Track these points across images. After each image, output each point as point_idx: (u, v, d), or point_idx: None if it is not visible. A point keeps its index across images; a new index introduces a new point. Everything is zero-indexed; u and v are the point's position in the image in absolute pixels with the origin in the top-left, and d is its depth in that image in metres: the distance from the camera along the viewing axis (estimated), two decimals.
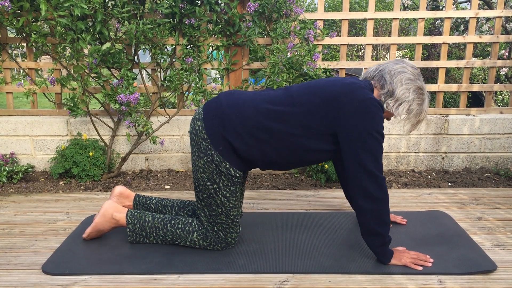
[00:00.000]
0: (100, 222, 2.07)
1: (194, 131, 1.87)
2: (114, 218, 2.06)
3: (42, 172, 3.31)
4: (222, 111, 1.83)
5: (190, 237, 1.99)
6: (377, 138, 1.76)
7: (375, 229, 1.79)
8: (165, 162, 3.35)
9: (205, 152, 1.83)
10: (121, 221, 2.05)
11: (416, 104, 1.86)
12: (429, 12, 3.23)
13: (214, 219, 1.93)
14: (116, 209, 2.07)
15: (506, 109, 3.35)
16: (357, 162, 1.76)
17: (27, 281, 1.78)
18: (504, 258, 1.93)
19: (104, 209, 2.07)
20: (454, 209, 2.53)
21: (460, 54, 7.60)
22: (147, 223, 2.03)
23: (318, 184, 3.03)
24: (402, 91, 1.83)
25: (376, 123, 1.76)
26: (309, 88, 1.87)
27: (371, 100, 1.76)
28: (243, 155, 1.84)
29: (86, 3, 2.73)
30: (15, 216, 2.48)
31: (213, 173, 1.85)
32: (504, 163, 3.32)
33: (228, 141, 1.81)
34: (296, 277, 1.79)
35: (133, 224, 2.04)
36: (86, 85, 3.05)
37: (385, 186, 1.79)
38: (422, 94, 1.88)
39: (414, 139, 3.29)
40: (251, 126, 1.81)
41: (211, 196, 1.89)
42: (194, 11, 3.01)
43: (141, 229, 2.04)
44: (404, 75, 1.84)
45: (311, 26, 3.12)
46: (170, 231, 2.01)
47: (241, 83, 3.27)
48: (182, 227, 2.00)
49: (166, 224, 2.02)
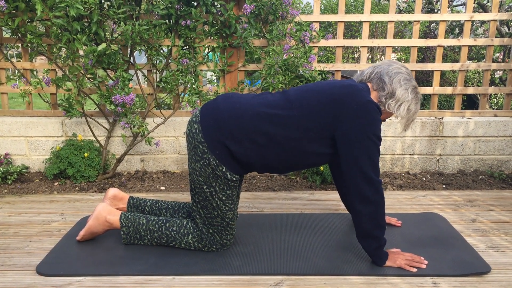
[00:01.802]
0: (94, 225, 2.06)
1: (191, 134, 1.87)
2: (107, 221, 2.04)
3: (36, 173, 3.29)
4: (219, 115, 1.83)
5: (185, 239, 1.99)
6: (375, 141, 1.77)
7: (371, 232, 1.80)
8: (160, 163, 3.34)
9: (201, 155, 1.83)
10: (115, 224, 2.04)
11: (414, 103, 1.88)
12: (424, 15, 3.25)
13: (209, 222, 1.93)
14: (109, 212, 2.06)
15: (500, 111, 3.37)
16: (354, 165, 1.77)
17: (21, 282, 1.78)
18: (498, 260, 1.94)
19: (97, 211, 2.06)
20: (448, 211, 2.54)
21: (455, 57, 7.64)
22: (141, 225, 2.02)
23: (313, 186, 3.04)
24: (402, 91, 1.84)
25: (374, 126, 1.76)
26: (307, 91, 1.87)
27: (369, 103, 1.76)
28: (240, 158, 1.84)
29: (82, 4, 2.73)
30: (10, 217, 2.47)
31: (209, 177, 1.85)
32: (498, 166, 3.33)
33: (225, 145, 1.81)
34: (291, 279, 1.79)
35: (127, 227, 2.03)
36: (82, 86, 3.05)
37: (382, 189, 1.80)
38: (418, 93, 1.90)
39: (409, 141, 3.30)
40: (248, 130, 1.80)
41: (207, 199, 1.89)
42: (190, 13, 3.01)
43: (135, 231, 2.03)
44: (401, 76, 1.85)
45: (307, 28, 3.13)
46: (165, 234, 2.00)
47: (237, 84, 3.27)
48: (177, 230, 1.99)
49: (161, 226, 2.01)
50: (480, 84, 7.29)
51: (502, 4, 5.01)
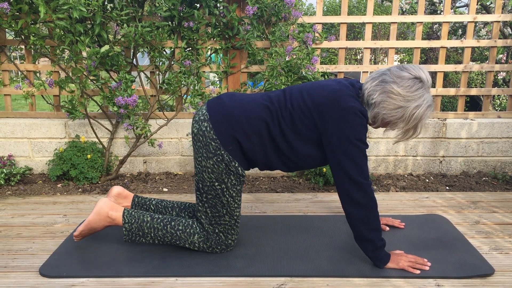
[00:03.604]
0: (94, 220, 2.01)
1: (200, 132, 1.86)
2: (109, 216, 2.00)
3: (40, 174, 3.30)
4: (228, 112, 1.85)
5: (190, 239, 1.98)
6: (359, 145, 1.77)
7: (366, 235, 1.81)
8: (163, 164, 3.35)
9: (214, 152, 1.84)
10: (117, 220, 2.00)
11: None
12: (427, 16, 3.25)
13: (216, 221, 1.94)
14: (112, 207, 2.02)
15: (503, 113, 3.36)
16: (341, 170, 1.79)
17: (25, 283, 1.78)
18: (501, 262, 1.94)
19: (99, 206, 2.01)
20: (452, 212, 2.53)
21: (458, 58, 7.62)
22: (145, 223, 2.00)
23: (316, 187, 3.04)
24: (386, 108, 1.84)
25: (356, 130, 1.76)
26: (300, 92, 1.89)
27: (352, 108, 1.76)
28: (248, 154, 1.87)
29: (85, 6, 2.73)
30: (13, 218, 2.47)
31: (222, 173, 1.86)
32: (501, 167, 3.32)
33: (238, 140, 1.84)
34: (294, 280, 1.79)
35: (130, 223, 1.99)
36: (85, 88, 3.06)
37: (371, 192, 1.80)
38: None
39: (412, 143, 3.29)
40: (256, 125, 1.84)
41: (218, 197, 1.89)
42: (193, 14, 3.01)
43: (138, 229, 1.99)
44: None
45: (310, 30, 3.13)
46: (169, 233, 1.99)
47: (240, 86, 3.27)
48: (183, 229, 1.99)
49: (166, 225, 2.00)
50: (483, 86, 7.27)
51: (505, 5, 5.00)
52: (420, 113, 1.76)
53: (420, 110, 1.76)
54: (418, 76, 1.76)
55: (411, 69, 1.77)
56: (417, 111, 1.76)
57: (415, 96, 1.75)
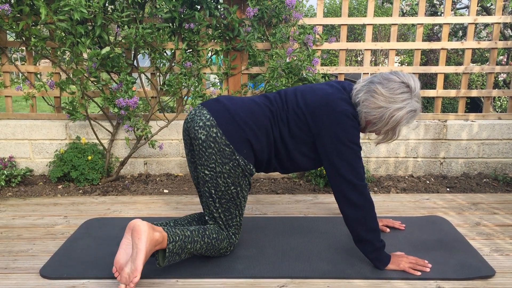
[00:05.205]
0: (149, 250, 1.67)
1: (211, 139, 1.81)
2: (158, 240, 1.69)
3: (40, 175, 3.30)
4: (235, 115, 1.84)
5: (220, 246, 1.90)
6: (351, 147, 1.79)
7: (364, 236, 1.81)
8: (164, 166, 3.35)
9: (230, 157, 1.82)
10: (164, 242, 1.72)
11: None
12: (428, 18, 3.25)
13: (229, 224, 1.93)
14: (153, 228, 1.71)
15: (504, 114, 3.36)
16: (336, 172, 1.80)
17: (25, 285, 1.78)
18: (502, 263, 1.94)
19: (146, 233, 1.65)
20: (452, 214, 2.53)
21: (458, 59, 7.62)
22: (187, 238, 1.79)
23: (316, 189, 3.03)
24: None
25: (348, 133, 1.78)
26: (295, 95, 1.92)
27: (343, 112, 1.79)
28: (256, 155, 1.88)
29: (86, 8, 2.74)
30: (13, 219, 2.47)
31: (238, 177, 1.86)
32: (502, 169, 3.32)
33: (250, 143, 1.84)
34: (294, 282, 1.79)
35: (174, 242, 1.74)
36: (85, 89, 3.06)
37: (367, 192, 1.81)
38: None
39: (413, 144, 3.29)
40: (261, 125, 1.86)
41: (232, 200, 1.89)
42: (194, 16, 3.01)
43: (180, 247, 1.76)
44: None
45: (310, 31, 3.13)
46: (206, 243, 1.85)
47: (240, 87, 3.27)
48: (216, 236, 1.88)
49: (203, 236, 1.85)
50: (483, 87, 7.28)
51: (506, 7, 5.00)
52: (399, 116, 1.76)
53: (400, 113, 1.76)
54: (405, 82, 1.76)
55: (401, 75, 1.79)
56: (397, 114, 1.76)
57: (398, 98, 1.75)
